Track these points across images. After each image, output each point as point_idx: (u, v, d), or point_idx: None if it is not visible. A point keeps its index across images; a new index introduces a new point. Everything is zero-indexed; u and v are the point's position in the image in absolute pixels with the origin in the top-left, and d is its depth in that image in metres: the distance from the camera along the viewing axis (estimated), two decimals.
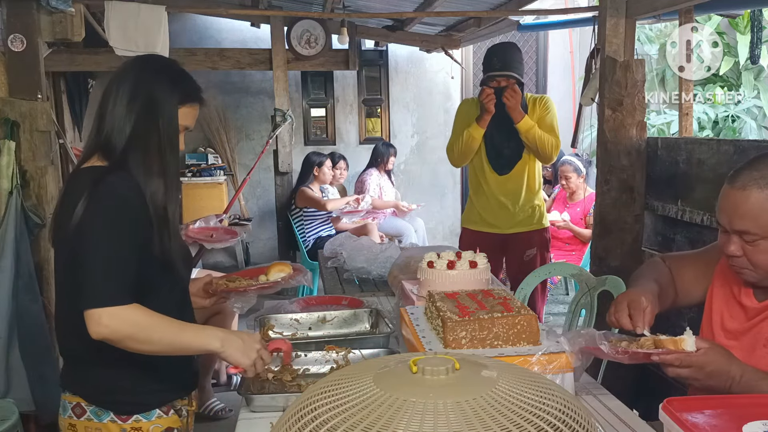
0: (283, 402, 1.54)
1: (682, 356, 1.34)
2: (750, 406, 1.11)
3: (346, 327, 2.09)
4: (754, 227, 1.41)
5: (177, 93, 1.54)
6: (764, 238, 1.41)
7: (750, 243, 1.43)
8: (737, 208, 1.43)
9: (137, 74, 1.53)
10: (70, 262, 1.45)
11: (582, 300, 2.47)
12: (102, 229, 1.41)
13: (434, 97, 7.06)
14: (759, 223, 1.40)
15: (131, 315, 1.39)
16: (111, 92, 1.52)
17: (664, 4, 2.74)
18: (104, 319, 1.36)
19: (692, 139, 2.82)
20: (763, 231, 1.40)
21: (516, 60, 3.20)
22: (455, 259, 2.03)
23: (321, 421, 0.77)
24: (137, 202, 1.46)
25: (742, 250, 1.45)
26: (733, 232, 1.45)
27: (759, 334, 1.47)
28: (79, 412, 1.52)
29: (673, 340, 1.37)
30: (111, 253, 1.40)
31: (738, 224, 1.43)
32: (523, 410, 0.77)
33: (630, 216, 2.93)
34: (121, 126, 1.49)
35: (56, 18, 3.04)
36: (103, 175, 1.45)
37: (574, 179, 4.69)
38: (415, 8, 4.78)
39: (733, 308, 1.56)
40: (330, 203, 5.14)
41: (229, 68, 5.62)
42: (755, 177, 1.41)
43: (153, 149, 1.50)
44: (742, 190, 1.41)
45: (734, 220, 1.44)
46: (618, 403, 1.58)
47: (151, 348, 1.42)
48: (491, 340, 1.54)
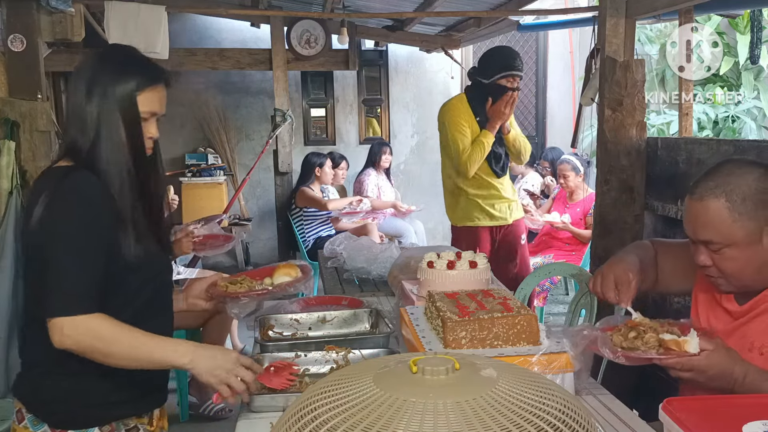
0: (283, 402, 1.54)
1: (684, 360, 1.35)
2: (750, 406, 1.11)
3: (346, 327, 2.09)
4: (716, 236, 1.45)
5: (132, 79, 1.46)
6: (727, 245, 1.44)
7: (716, 252, 1.47)
8: (698, 219, 1.47)
9: (93, 68, 1.47)
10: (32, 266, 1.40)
11: (582, 300, 2.47)
12: (64, 230, 1.35)
13: (434, 97, 7.05)
14: (719, 231, 1.44)
15: (94, 325, 1.32)
16: (72, 90, 1.48)
17: (664, 4, 2.74)
18: (66, 329, 1.30)
19: (692, 139, 2.81)
20: (724, 239, 1.44)
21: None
22: (455, 259, 2.03)
23: (321, 421, 0.77)
24: (101, 200, 1.39)
25: (710, 259, 1.49)
26: (698, 242, 1.49)
27: (744, 338, 1.48)
28: (19, 418, 1.45)
29: (677, 341, 1.37)
30: (74, 257, 1.34)
31: (701, 234, 1.47)
32: (523, 410, 0.77)
33: (630, 216, 2.92)
34: (81, 123, 1.44)
35: (56, 18, 3.04)
36: (66, 174, 1.39)
37: (572, 178, 4.69)
38: (414, 8, 4.78)
39: (718, 312, 1.57)
40: (331, 203, 5.13)
41: (229, 68, 5.63)
42: (711, 186, 1.45)
43: (116, 142, 1.43)
44: (700, 200, 1.46)
45: (697, 231, 1.48)
46: (618, 403, 1.58)
47: (113, 361, 1.36)
48: (491, 340, 1.54)
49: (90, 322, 1.33)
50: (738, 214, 1.42)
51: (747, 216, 1.42)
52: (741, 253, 1.44)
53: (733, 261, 1.45)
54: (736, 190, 1.43)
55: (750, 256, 1.44)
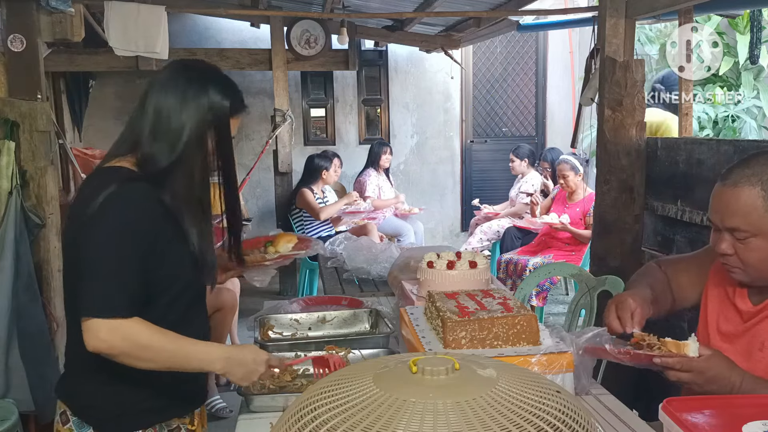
0: (283, 402, 1.54)
1: (684, 360, 1.35)
2: (750, 407, 1.11)
3: (346, 327, 2.09)
4: (744, 224, 1.42)
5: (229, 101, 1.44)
6: (755, 235, 1.42)
7: (741, 240, 1.44)
8: (728, 206, 1.44)
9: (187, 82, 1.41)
10: (74, 263, 1.36)
11: (582, 300, 2.48)
12: (112, 232, 1.31)
13: (434, 97, 7.06)
14: (749, 220, 1.41)
15: (131, 330, 1.29)
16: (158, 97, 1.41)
17: (664, 4, 2.74)
18: (103, 332, 1.27)
19: (692, 139, 2.82)
20: (753, 228, 1.41)
21: None
22: (455, 259, 2.03)
23: (321, 421, 0.77)
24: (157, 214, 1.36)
25: (733, 248, 1.46)
26: (725, 229, 1.46)
27: (754, 337, 1.47)
28: (64, 420, 1.44)
29: (677, 344, 1.37)
30: (118, 260, 1.30)
31: (729, 221, 1.44)
32: (523, 410, 0.77)
33: (630, 216, 2.93)
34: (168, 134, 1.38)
35: (56, 18, 3.04)
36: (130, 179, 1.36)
37: (571, 177, 4.69)
38: (414, 8, 4.78)
39: (728, 311, 1.56)
40: (324, 212, 5.05)
41: (229, 68, 5.62)
42: (747, 174, 1.42)
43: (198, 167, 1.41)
44: (734, 187, 1.42)
45: (725, 218, 1.45)
46: (618, 403, 1.58)
47: (147, 365, 1.33)
48: (491, 341, 1.54)
49: (129, 326, 1.29)
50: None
51: None
52: (766, 245, 1.41)
53: (758, 252, 1.42)
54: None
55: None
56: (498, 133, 7.29)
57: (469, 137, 7.21)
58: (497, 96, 7.23)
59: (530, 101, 7.31)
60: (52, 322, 2.94)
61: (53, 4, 2.90)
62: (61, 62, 4.97)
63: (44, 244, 2.93)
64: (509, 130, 7.30)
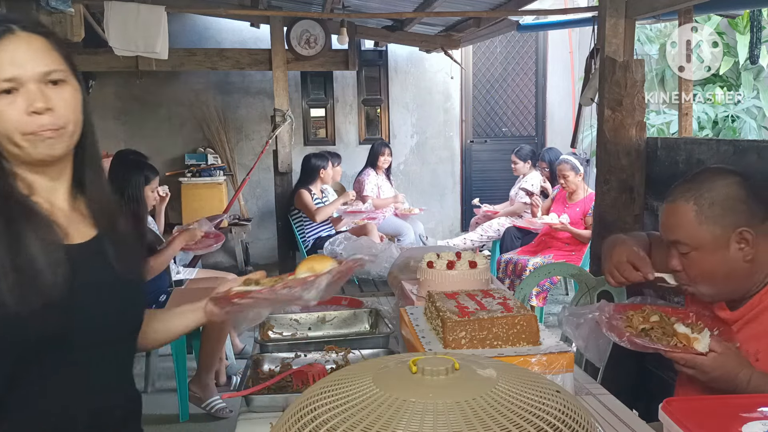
0: (282, 402, 1.54)
1: (688, 357, 1.37)
2: (750, 407, 1.11)
3: (346, 327, 2.09)
4: (684, 237, 1.49)
5: None
6: (694, 248, 1.48)
7: (684, 255, 1.51)
8: (667, 220, 1.53)
9: None
10: None
11: (582, 300, 2.47)
12: None
13: (434, 97, 7.06)
14: (687, 233, 1.48)
15: None
16: None
17: (664, 4, 2.74)
18: None
19: (692, 139, 2.82)
20: (692, 242, 1.48)
21: None
22: (455, 259, 2.02)
23: (321, 422, 0.77)
24: None
25: (681, 264, 1.53)
26: (669, 244, 1.54)
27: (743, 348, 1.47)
28: None
29: (687, 336, 1.40)
30: None
31: (670, 235, 1.53)
32: (523, 410, 0.77)
33: (629, 216, 2.92)
34: None
35: (56, 18, 3.04)
36: None
37: (572, 177, 4.69)
38: (414, 8, 4.79)
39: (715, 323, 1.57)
40: (319, 214, 5.04)
41: (229, 68, 5.63)
42: (683, 190, 1.51)
43: None
44: (673, 203, 1.52)
45: (667, 233, 1.54)
46: (618, 403, 1.58)
47: None
48: (491, 340, 1.54)
49: None
50: (704, 218, 1.46)
51: (713, 221, 1.46)
52: (707, 258, 1.47)
53: (700, 265, 1.49)
54: (705, 195, 1.47)
55: (716, 261, 1.47)
56: (498, 133, 7.29)
57: (469, 137, 7.21)
58: (497, 96, 7.23)
59: (530, 101, 7.31)
60: None
61: (53, 4, 2.91)
62: None
63: None
64: (509, 130, 7.31)
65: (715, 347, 1.37)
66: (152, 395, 3.65)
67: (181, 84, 6.62)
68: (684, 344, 1.39)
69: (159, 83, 6.47)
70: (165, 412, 3.44)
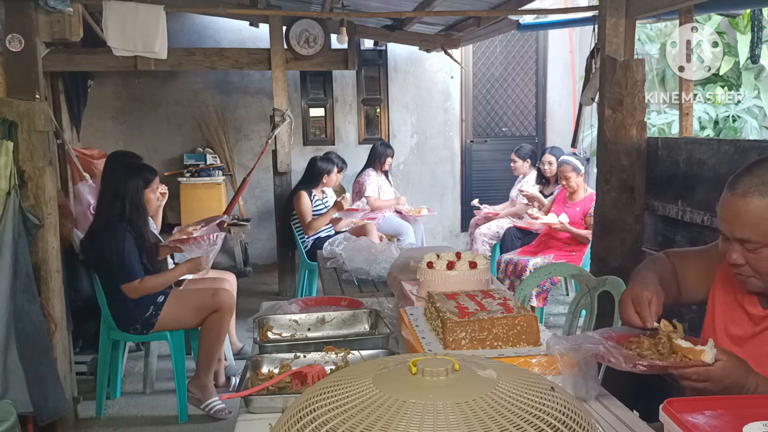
0: (282, 403, 1.53)
1: (701, 371, 1.31)
2: (750, 407, 1.11)
3: (346, 328, 2.08)
4: (755, 235, 1.38)
5: None
6: (766, 245, 1.38)
7: (752, 251, 1.40)
8: (738, 216, 1.40)
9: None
10: None
11: (582, 301, 2.47)
12: None
13: (434, 97, 7.06)
14: (760, 230, 1.37)
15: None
16: None
17: (664, 3, 2.74)
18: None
19: (692, 139, 2.81)
20: (764, 239, 1.37)
21: None
22: (455, 259, 2.02)
23: (320, 422, 0.76)
24: None
25: (744, 258, 1.42)
26: (735, 240, 1.42)
27: (764, 341, 1.45)
28: None
29: (692, 350, 1.34)
30: None
31: (739, 232, 1.40)
32: (523, 411, 0.77)
33: (630, 216, 2.92)
34: None
35: (54, 18, 3.03)
36: None
37: (573, 178, 4.68)
38: (414, 8, 4.78)
39: (738, 314, 1.53)
40: (311, 228, 4.96)
41: (228, 68, 5.62)
42: (755, 183, 1.38)
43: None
44: (743, 197, 1.38)
45: (735, 229, 1.41)
46: (618, 404, 1.58)
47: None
48: (491, 341, 1.53)
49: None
50: None
51: None
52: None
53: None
54: None
55: None
56: (498, 132, 7.29)
57: (469, 137, 7.21)
58: (497, 96, 7.22)
59: (530, 101, 7.30)
60: (51, 322, 2.93)
61: (51, 4, 2.90)
62: (59, 62, 4.97)
63: (42, 245, 2.92)
64: (509, 130, 7.30)
65: (720, 355, 1.32)
66: (151, 396, 3.64)
67: (180, 84, 6.62)
68: (690, 358, 1.33)
69: (158, 83, 6.47)
70: (164, 413, 3.43)
